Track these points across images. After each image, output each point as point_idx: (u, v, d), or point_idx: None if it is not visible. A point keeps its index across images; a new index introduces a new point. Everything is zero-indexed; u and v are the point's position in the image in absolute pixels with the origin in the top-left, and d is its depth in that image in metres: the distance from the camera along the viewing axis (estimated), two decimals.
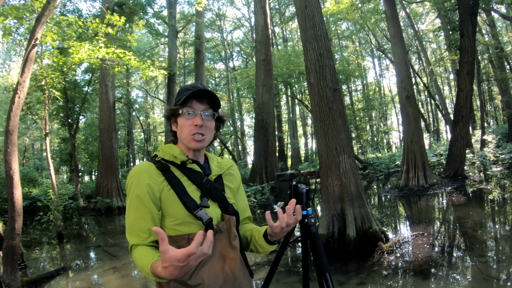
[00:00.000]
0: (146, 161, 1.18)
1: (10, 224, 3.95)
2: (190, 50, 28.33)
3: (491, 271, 3.60)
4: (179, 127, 1.19)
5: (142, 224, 1.08)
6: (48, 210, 7.22)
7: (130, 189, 1.12)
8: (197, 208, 1.10)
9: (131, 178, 1.12)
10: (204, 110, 1.18)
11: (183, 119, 1.17)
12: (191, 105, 1.16)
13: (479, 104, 19.45)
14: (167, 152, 1.18)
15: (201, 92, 1.16)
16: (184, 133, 1.17)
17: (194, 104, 1.17)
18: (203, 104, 1.18)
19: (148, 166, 1.14)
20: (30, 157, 28.11)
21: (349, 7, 15.14)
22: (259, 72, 13.95)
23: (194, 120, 1.15)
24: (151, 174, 1.12)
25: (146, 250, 1.06)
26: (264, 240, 1.20)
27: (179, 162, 1.16)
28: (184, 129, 1.17)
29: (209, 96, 1.18)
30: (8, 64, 30.96)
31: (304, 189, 1.38)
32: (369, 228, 4.81)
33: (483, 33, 19.48)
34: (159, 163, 1.16)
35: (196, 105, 1.17)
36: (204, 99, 1.18)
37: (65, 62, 7.23)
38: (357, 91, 31.33)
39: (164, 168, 1.14)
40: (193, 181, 1.16)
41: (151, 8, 15.11)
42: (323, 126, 5.21)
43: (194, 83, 1.24)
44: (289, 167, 25.90)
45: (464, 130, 10.26)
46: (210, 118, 1.19)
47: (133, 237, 1.09)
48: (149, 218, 1.09)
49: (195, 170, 1.18)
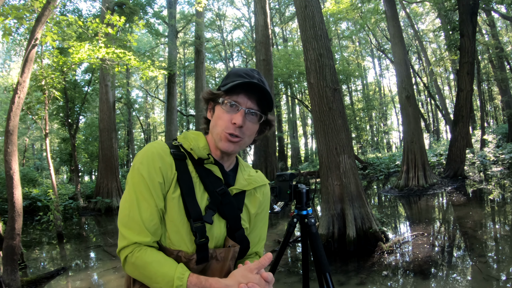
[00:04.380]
0: (160, 141, 0.96)
1: (10, 224, 3.95)
2: (190, 50, 28.34)
3: (491, 271, 3.60)
4: (215, 118, 0.97)
5: (148, 216, 0.86)
6: (48, 210, 7.22)
7: (137, 171, 0.89)
8: (199, 219, 0.89)
9: (141, 159, 0.90)
10: (251, 108, 0.94)
11: (222, 110, 0.95)
12: (237, 98, 0.93)
13: (479, 104, 19.45)
14: (190, 140, 0.97)
15: (253, 85, 0.93)
16: (218, 128, 0.94)
17: (240, 97, 0.93)
18: (251, 101, 0.94)
19: (162, 148, 0.93)
20: (30, 157, 28.11)
21: (349, 7, 15.16)
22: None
23: (234, 117, 0.92)
24: (164, 160, 0.91)
25: (162, 254, 0.87)
26: None
27: (196, 157, 0.94)
28: (219, 122, 0.94)
29: (262, 92, 0.95)
30: (8, 64, 30.99)
31: (304, 189, 1.38)
32: (369, 228, 4.81)
33: (483, 33, 19.48)
34: (176, 149, 0.94)
35: (243, 99, 0.94)
36: (254, 95, 0.95)
37: (65, 62, 7.23)
38: (357, 91, 31.34)
39: (179, 157, 0.93)
40: (206, 185, 0.94)
41: (151, 8, 15.11)
42: (323, 126, 5.21)
43: (250, 70, 0.98)
44: (289, 167, 25.90)
45: (464, 130, 10.26)
46: (255, 120, 0.96)
47: (134, 233, 0.86)
48: (156, 211, 0.88)
49: (213, 173, 0.96)
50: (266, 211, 1.11)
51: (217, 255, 0.92)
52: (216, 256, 0.92)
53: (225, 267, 0.93)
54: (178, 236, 0.90)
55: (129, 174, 0.92)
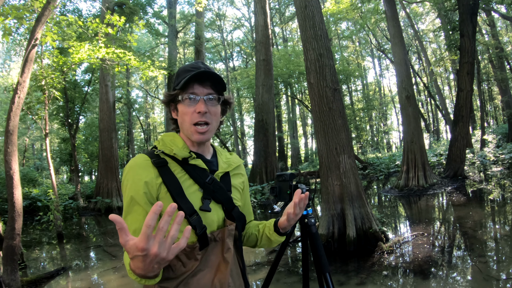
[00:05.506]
0: (142, 155, 1.03)
1: (10, 224, 3.95)
2: (190, 50, 28.35)
3: (491, 271, 3.60)
4: (180, 115, 1.05)
5: (138, 226, 0.94)
6: (48, 210, 7.23)
7: (125, 187, 0.97)
8: (193, 213, 0.97)
9: (127, 175, 0.98)
10: (208, 94, 1.03)
11: (183, 106, 1.03)
12: (193, 90, 1.02)
13: (479, 104, 19.46)
14: (168, 145, 1.04)
15: (203, 74, 1.01)
16: (186, 123, 1.03)
17: (195, 88, 1.02)
18: (206, 88, 1.03)
19: (144, 160, 1.00)
20: (30, 157, 28.12)
21: (349, 7, 15.16)
22: (259, 72, 13.96)
23: (197, 107, 1.01)
24: (148, 170, 0.98)
25: None
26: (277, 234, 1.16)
27: (180, 158, 1.02)
28: (185, 117, 1.03)
29: (213, 77, 1.03)
30: (8, 64, 30.99)
31: (304, 189, 1.38)
32: (369, 228, 4.81)
33: (483, 33, 19.49)
34: (157, 158, 1.01)
35: (198, 89, 1.02)
36: (207, 82, 1.03)
37: (65, 62, 7.23)
38: (357, 91, 31.35)
39: (161, 164, 1.00)
40: (196, 179, 1.02)
41: (151, 8, 15.12)
42: (323, 126, 5.21)
43: (195, 63, 1.07)
44: (289, 167, 25.90)
45: (464, 130, 10.26)
46: (215, 103, 1.05)
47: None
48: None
49: (198, 166, 1.04)
50: (247, 184, 1.25)
51: (215, 237, 1.02)
52: (214, 238, 1.01)
53: (224, 246, 1.03)
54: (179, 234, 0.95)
55: (122, 189, 1.00)
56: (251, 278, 4.10)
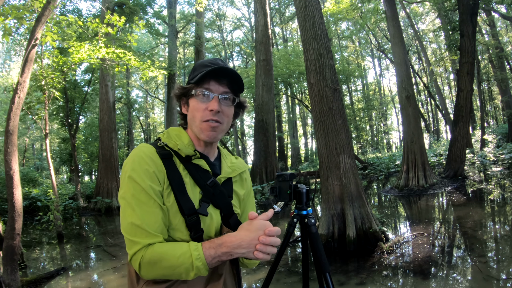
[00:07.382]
0: (146, 144, 0.97)
1: (10, 224, 3.95)
2: (190, 50, 28.34)
3: (491, 271, 3.60)
4: (191, 110, 0.99)
5: (153, 219, 0.88)
6: (48, 210, 7.22)
7: (130, 178, 0.89)
8: (192, 214, 0.92)
9: (133, 165, 0.90)
10: (223, 93, 0.97)
11: (196, 101, 0.97)
12: (208, 86, 0.96)
13: (479, 104, 19.45)
14: (174, 139, 0.99)
15: (221, 70, 0.96)
16: (196, 119, 0.97)
17: (211, 84, 0.97)
18: (223, 86, 0.98)
19: (150, 150, 0.94)
20: (30, 157, 28.12)
21: (349, 7, 15.16)
22: (259, 72, 13.96)
23: (210, 104, 0.95)
24: (155, 161, 0.92)
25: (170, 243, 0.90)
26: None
27: (183, 155, 0.97)
28: (196, 113, 0.97)
29: (230, 75, 0.98)
30: (8, 64, 31.00)
31: (304, 189, 1.38)
32: (369, 228, 4.81)
33: (483, 33, 19.48)
34: (162, 149, 0.96)
35: (214, 86, 0.97)
36: (224, 80, 0.98)
37: (65, 62, 7.23)
38: (357, 91, 31.35)
39: (166, 156, 0.95)
40: (197, 180, 0.97)
41: (151, 8, 15.12)
42: (323, 126, 5.21)
43: (214, 59, 1.02)
44: (289, 167, 25.90)
45: (464, 130, 10.26)
46: (229, 103, 0.99)
47: (144, 237, 0.87)
48: (159, 214, 0.89)
49: (201, 167, 0.98)
50: (251, 190, 1.18)
51: None
52: None
53: None
54: (174, 231, 0.94)
55: (122, 182, 0.92)
56: (251, 278, 4.10)
